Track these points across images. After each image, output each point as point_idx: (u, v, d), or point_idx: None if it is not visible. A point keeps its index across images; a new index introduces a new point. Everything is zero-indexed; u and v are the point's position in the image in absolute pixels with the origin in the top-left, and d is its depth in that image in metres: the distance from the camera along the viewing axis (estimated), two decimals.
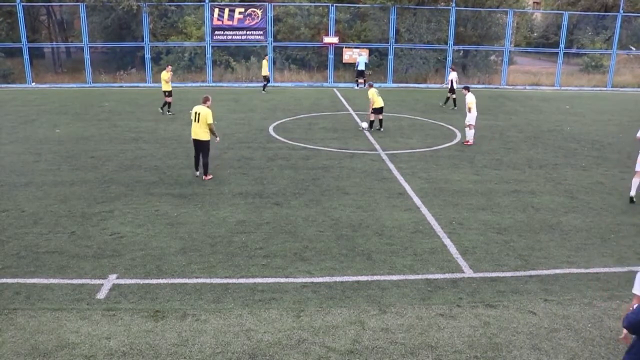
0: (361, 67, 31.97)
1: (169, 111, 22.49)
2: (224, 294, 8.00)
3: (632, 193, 12.25)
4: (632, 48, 37.36)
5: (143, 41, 32.59)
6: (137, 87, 31.99)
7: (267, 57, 30.92)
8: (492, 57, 36.73)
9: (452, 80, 24.75)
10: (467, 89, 17.98)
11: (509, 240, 10.11)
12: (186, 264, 8.92)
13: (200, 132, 13.19)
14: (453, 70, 25.66)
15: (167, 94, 22.28)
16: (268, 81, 30.54)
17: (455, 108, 24.28)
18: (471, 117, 17.49)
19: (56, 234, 10.13)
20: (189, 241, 9.84)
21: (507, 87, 34.06)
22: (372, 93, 19.08)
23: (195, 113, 13.11)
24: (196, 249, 9.52)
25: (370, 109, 19.31)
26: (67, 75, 34.34)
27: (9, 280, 8.32)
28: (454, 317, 7.45)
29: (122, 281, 8.34)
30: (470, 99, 17.47)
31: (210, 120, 13.15)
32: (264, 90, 29.54)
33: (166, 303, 7.72)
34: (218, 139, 13.73)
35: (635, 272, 8.83)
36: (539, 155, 16.53)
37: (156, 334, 6.96)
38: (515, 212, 11.60)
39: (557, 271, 8.86)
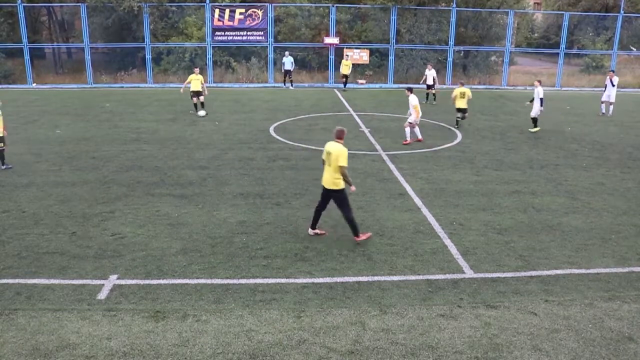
0: (287, 66, 31.63)
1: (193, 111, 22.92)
2: (224, 294, 8.01)
3: None
4: (633, 49, 37.36)
5: (144, 42, 32.61)
6: (138, 87, 32.01)
7: (347, 58, 31.92)
8: (493, 58, 36.75)
9: (433, 77, 26.48)
10: (410, 90, 18.05)
11: (510, 241, 10.11)
12: (187, 265, 8.93)
13: (332, 178, 9.72)
14: (431, 67, 26.86)
15: (194, 94, 22.63)
16: (347, 80, 31.37)
17: (435, 103, 26.08)
18: (413, 118, 17.66)
19: (57, 234, 10.14)
20: (189, 242, 9.84)
21: (508, 87, 34.07)
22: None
23: (327, 153, 9.82)
24: (197, 249, 9.53)
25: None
26: (68, 75, 34.36)
27: (10, 281, 8.33)
28: (454, 318, 7.45)
29: (122, 282, 8.35)
30: (415, 101, 17.66)
31: (344, 162, 9.63)
32: (345, 89, 30.85)
33: (167, 303, 7.72)
34: (353, 187, 10.05)
35: (636, 273, 8.86)
36: (540, 156, 16.53)
37: (157, 334, 6.96)
38: (516, 213, 11.60)
39: (558, 272, 8.86)
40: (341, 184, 9.74)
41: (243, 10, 32.62)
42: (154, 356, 6.50)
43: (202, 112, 22.07)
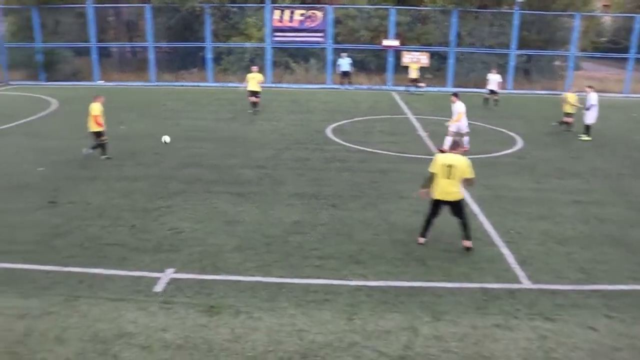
0: (344, 68, 31.47)
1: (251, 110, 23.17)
2: (277, 293, 8.07)
3: None
4: None
5: (205, 42, 33.28)
6: (199, 86, 32.67)
7: (417, 60, 31.67)
8: (557, 63, 35.60)
9: (497, 82, 26.05)
10: (456, 95, 17.09)
11: (570, 252, 9.78)
12: (241, 262, 9.05)
13: (454, 190, 9.52)
14: (495, 72, 26.44)
15: (251, 93, 22.99)
16: (416, 84, 30.88)
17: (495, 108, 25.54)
18: (458, 125, 16.74)
19: (118, 227, 10.47)
20: (245, 239, 9.98)
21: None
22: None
23: (447, 166, 9.44)
24: (252, 247, 9.65)
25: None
26: (132, 73, 35.41)
27: (74, 269, 8.66)
28: (510, 329, 7.27)
29: (179, 275, 8.55)
30: (461, 108, 16.68)
31: (472, 174, 9.59)
32: (414, 92, 30.43)
33: (221, 299, 7.85)
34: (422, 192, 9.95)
35: None
36: (605, 165, 15.92)
37: (210, 329, 7.09)
38: (577, 223, 11.21)
39: (622, 287, 8.50)
40: (461, 194, 9.75)
41: (303, 12, 32.83)
42: (207, 350, 6.62)
43: (166, 138, 16.40)
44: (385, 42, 32.90)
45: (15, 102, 26.36)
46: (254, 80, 22.97)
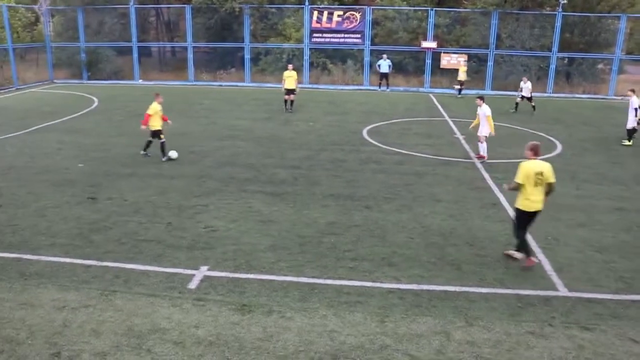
0: (384, 69, 31.20)
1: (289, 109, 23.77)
2: (310, 293, 8.08)
3: None
4: None
5: (243, 42, 33.61)
6: (236, 86, 33.02)
7: (465, 63, 31.51)
8: (600, 66, 34.75)
9: (529, 90, 25.19)
10: (482, 98, 16.32)
11: (610, 261, 9.52)
12: (275, 261, 9.09)
13: (542, 198, 8.98)
14: (527, 80, 25.59)
15: (288, 91, 23.35)
16: (462, 86, 30.60)
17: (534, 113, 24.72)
18: (487, 130, 15.99)
19: (154, 223, 10.64)
20: (278, 239, 10.02)
21: (615, 97, 32.10)
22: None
23: (539, 174, 8.89)
24: (285, 247, 9.68)
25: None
26: (171, 73, 36.08)
27: (110, 264, 8.83)
28: (544, 337, 7.12)
29: (212, 273, 8.63)
30: (488, 111, 15.94)
31: (554, 178, 9.10)
32: (459, 94, 30.09)
33: (253, 298, 7.90)
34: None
35: None
36: None
37: (242, 327, 7.14)
38: (618, 231, 10.91)
39: None
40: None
41: (341, 13, 32.86)
42: (238, 348, 6.67)
43: (173, 154, 15.44)
44: (424, 44, 32.66)
45: (59, 100, 27.09)
46: (291, 79, 23.20)
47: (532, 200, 8.87)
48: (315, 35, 33.26)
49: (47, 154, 15.88)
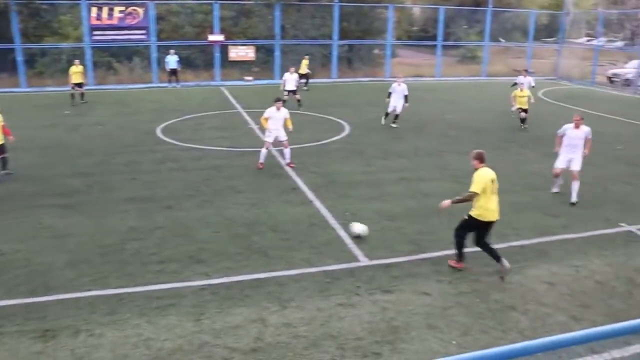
0: (172, 65, 30.71)
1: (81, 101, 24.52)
2: (118, 304, 7.69)
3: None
4: (502, 40, 40.01)
5: (14, 43, 30.38)
6: (11, 92, 29.73)
7: (307, 57, 30.67)
8: (376, 51, 37.84)
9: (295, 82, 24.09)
10: (280, 100, 15.22)
11: (401, 227, 10.50)
12: (75, 277, 8.47)
13: (497, 207, 8.72)
14: (293, 72, 24.34)
15: (75, 85, 24.30)
16: (308, 79, 29.97)
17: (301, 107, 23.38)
18: (274, 134, 14.54)
19: None
20: (77, 253, 9.34)
21: (391, 79, 35.13)
22: None
23: (492, 181, 8.64)
24: (85, 260, 9.06)
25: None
26: None
27: None
28: (353, 306, 7.64)
29: (4, 302, 7.76)
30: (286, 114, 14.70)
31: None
32: (305, 87, 29.10)
33: (56, 321, 7.27)
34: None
35: (514, 247, 9.49)
36: (425, 144, 17.26)
37: (47, 355, 6.55)
38: (405, 199, 12.06)
39: (447, 252, 9.26)
40: None
41: (123, 8, 31.27)
42: None
43: None
44: (211, 38, 32.56)
45: None
46: (78, 73, 24.08)
47: (489, 209, 8.54)
48: (96, 32, 31.22)
49: None
